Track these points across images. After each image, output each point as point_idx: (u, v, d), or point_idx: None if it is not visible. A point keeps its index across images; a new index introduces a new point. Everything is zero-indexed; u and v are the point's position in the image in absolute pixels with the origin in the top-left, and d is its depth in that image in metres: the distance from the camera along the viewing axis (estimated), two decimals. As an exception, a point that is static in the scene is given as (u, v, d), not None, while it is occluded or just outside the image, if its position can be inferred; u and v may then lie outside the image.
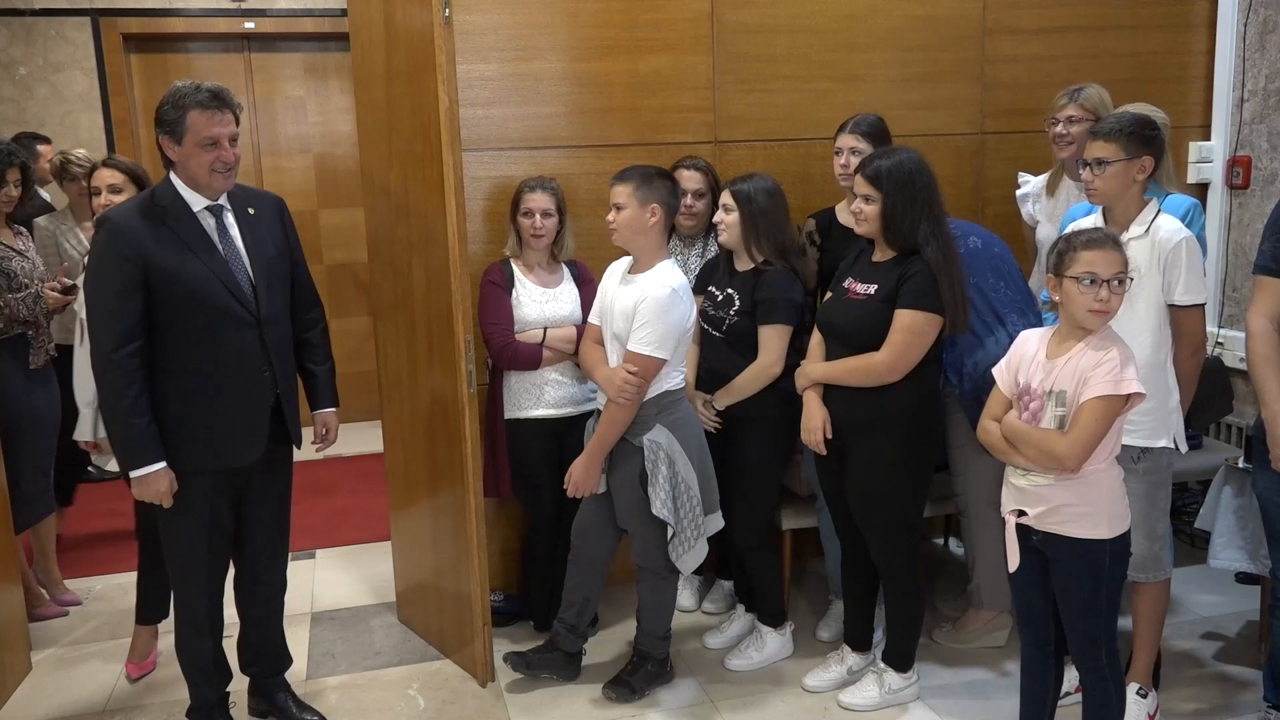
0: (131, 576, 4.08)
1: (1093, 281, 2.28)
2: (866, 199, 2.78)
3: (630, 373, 2.83)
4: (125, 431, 2.52)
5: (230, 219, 2.65)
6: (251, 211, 2.70)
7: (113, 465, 3.10)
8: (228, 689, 2.93)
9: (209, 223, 2.61)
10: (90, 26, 5.62)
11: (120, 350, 2.48)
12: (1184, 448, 2.78)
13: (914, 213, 2.74)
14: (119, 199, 2.99)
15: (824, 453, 2.91)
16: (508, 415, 3.32)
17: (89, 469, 4.87)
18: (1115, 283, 2.29)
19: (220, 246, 2.60)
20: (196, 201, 2.59)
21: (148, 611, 3.33)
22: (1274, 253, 2.62)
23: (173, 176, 2.60)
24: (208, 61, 6.02)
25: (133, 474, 2.55)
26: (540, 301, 3.30)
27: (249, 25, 5.86)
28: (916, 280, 2.72)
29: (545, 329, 3.27)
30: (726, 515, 3.22)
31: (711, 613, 3.66)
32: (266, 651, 3.00)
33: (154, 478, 2.55)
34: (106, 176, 3.12)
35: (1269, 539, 2.75)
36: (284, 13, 5.88)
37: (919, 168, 2.76)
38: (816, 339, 2.98)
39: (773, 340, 3.04)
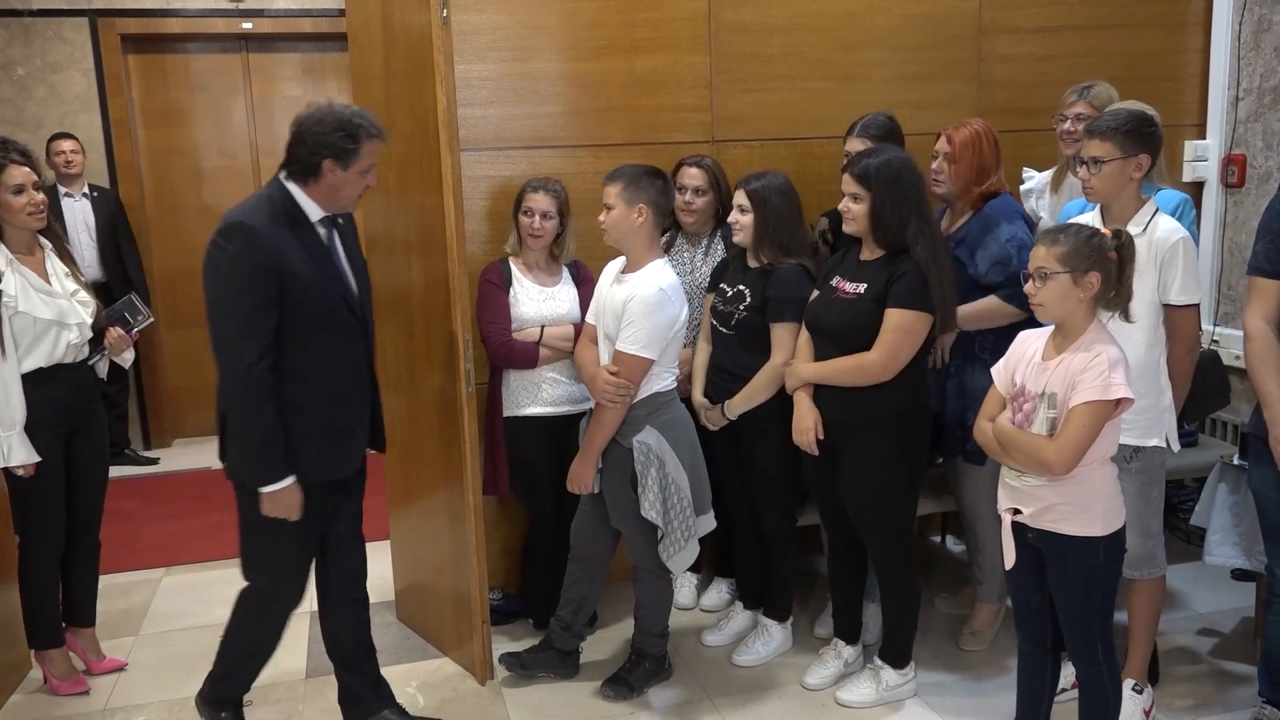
0: (127, 576, 4.15)
1: (1028, 276, 2.36)
2: (854, 198, 2.81)
3: (613, 373, 2.85)
4: (263, 448, 2.48)
5: (334, 231, 2.65)
6: (340, 222, 2.68)
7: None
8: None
9: (322, 233, 2.60)
10: (88, 27, 5.62)
11: (260, 364, 2.43)
12: (1176, 446, 2.79)
13: (903, 211, 2.76)
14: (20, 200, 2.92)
15: (815, 453, 2.93)
16: (506, 413, 3.33)
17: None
18: (1038, 277, 2.32)
19: (333, 258, 2.61)
20: (314, 212, 2.56)
21: (44, 635, 3.21)
22: (1268, 253, 2.62)
23: (290, 185, 2.53)
24: (206, 62, 6.03)
25: (266, 490, 2.50)
26: (538, 300, 3.31)
27: (247, 25, 5.87)
28: (907, 280, 2.74)
29: (543, 327, 3.28)
30: (754, 513, 3.27)
31: (710, 610, 3.68)
32: (362, 642, 2.95)
33: (287, 492, 2.52)
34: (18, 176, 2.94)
35: (1265, 534, 2.76)
36: (282, 13, 5.89)
37: (906, 167, 2.78)
38: (804, 338, 2.99)
39: (784, 338, 3.05)
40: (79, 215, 5.43)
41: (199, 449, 6.03)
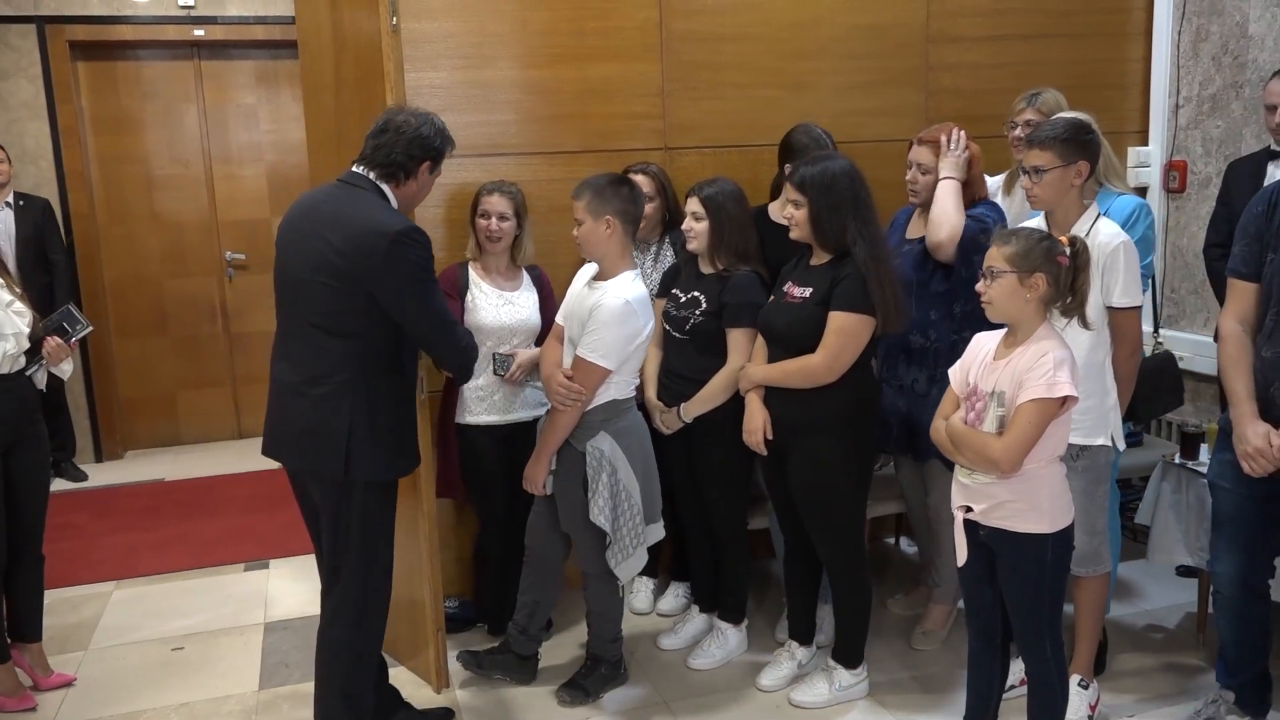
0: (77, 590, 4.09)
1: (981, 275, 2.44)
2: (796, 205, 2.87)
3: (568, 377, 2.87)
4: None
5: None
6: None
7: None
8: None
9: None
10: (36, 34, 5.52)
11: (469, 336, 2.72)
12: (1122, 445, 2.84)
13: (840, 215, 2.81)
14: None
15: (764, 453, 2.98)
16: (459, 420, 3.33)
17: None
18: (987, 275, 2.40)
19: None
20: None
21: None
22: (1244, 256, 2.67)
23: (386, 189, 2.58)
24: (157, 69, 5.96)
25: None
26: (496, 305, 3.31)
27: (199, 33, 5.80)
28: (847, 283, 2.80)
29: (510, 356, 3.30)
30: (705, 514, 3.30)
31: (666, 614, 3.69)
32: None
33: None
34: None
35: (1214, 523, 2.82)
36: (234, 20, 5.83)
37: (844, 171, 2.83)
38: (760, 342, 3.04)
39: (741, 343, 3.08)
40: None
41: (151, 460, 5.95)
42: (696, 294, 3.16)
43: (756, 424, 2.95)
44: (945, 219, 3.02)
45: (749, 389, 3.00)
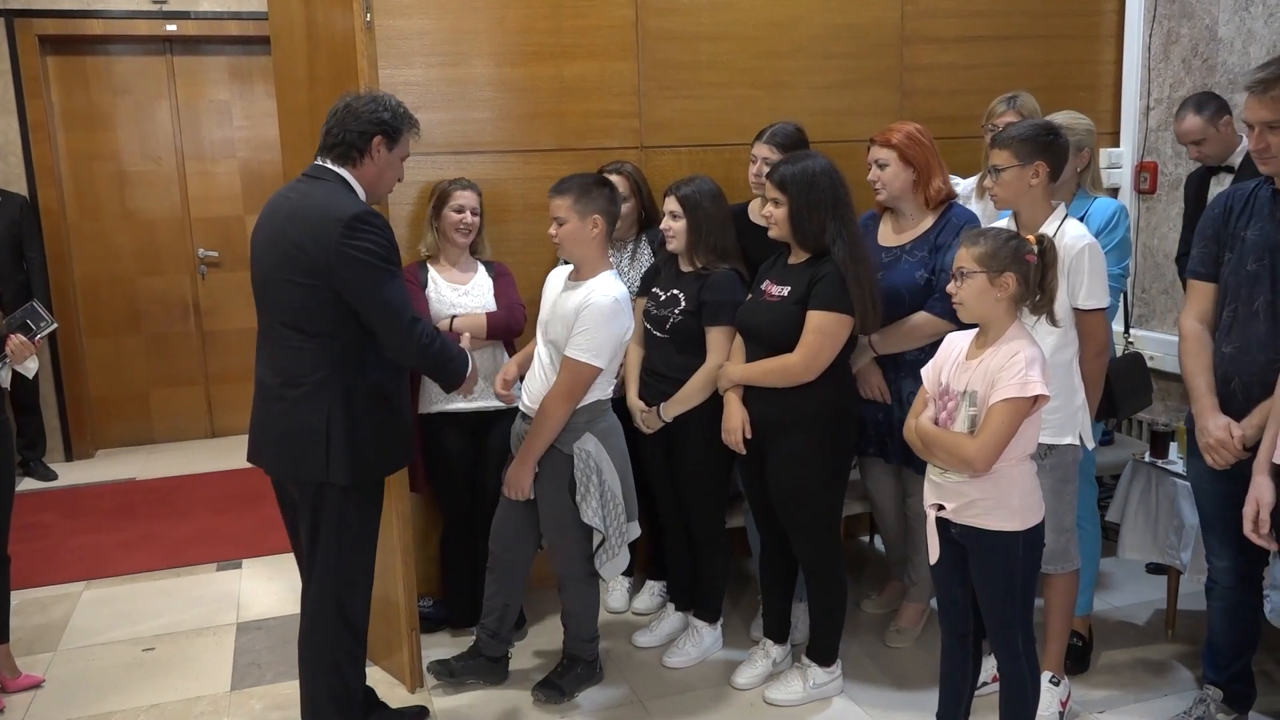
0: (46, 591, 4.05)
1: (951, 276, 2.46)
2: (775, 203, 2.87)
3: (520, 378, 2.97)
4: (460, 361, 2.68)
5: None
6: None
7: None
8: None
9: None
10: (4, 28, 5.46)
11: (435, 337, 2.58)
12: (1090, 444, 2.87)
13: (820, 214, 2.82)
14: None
15: (743, 452, 2.98)
16: (423, 410, 3.32)
17: None
18: (958, 275, 2.42)
19: None
20: (364, 198, 2.57)
21: None
22: (1202, 257, 2.72)
23: (341, 170, 2.53)
24: (129, 64, 5.90)
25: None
26: (451, 297, 3.34)
27: (171, 28, 5.74)
28: (826, 282, 2.81)
29: (452, 317, 3.29)
30: (684, 513, 3.30)
31: (642, 613, 3.69)
32: None
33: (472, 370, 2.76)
34: None
35: (1201, 523, 2.85)
36: (207, 15, 5.77)
37: (824, 170, 2.84)
38: (738, 341, 3.04)
39: (719, 342, 3.09)
40: None
41: (123, 460, 5.89)
42: (676, 292, 3.16)
43: (735, 423, 2.95)
44: (933, 326, 3.01)
45: (727, 388, 3.01)
